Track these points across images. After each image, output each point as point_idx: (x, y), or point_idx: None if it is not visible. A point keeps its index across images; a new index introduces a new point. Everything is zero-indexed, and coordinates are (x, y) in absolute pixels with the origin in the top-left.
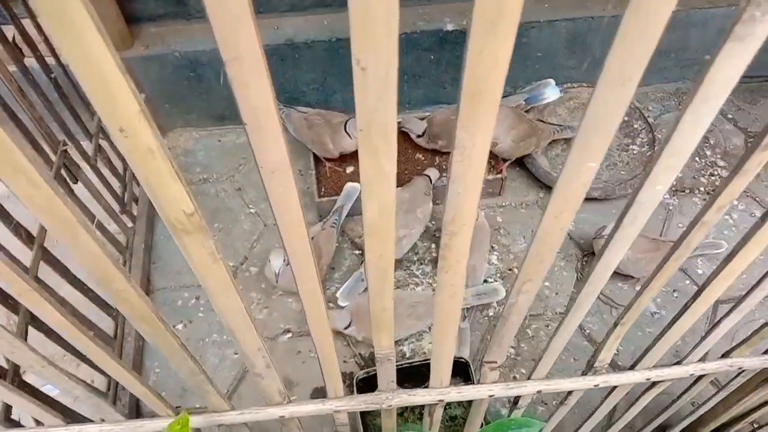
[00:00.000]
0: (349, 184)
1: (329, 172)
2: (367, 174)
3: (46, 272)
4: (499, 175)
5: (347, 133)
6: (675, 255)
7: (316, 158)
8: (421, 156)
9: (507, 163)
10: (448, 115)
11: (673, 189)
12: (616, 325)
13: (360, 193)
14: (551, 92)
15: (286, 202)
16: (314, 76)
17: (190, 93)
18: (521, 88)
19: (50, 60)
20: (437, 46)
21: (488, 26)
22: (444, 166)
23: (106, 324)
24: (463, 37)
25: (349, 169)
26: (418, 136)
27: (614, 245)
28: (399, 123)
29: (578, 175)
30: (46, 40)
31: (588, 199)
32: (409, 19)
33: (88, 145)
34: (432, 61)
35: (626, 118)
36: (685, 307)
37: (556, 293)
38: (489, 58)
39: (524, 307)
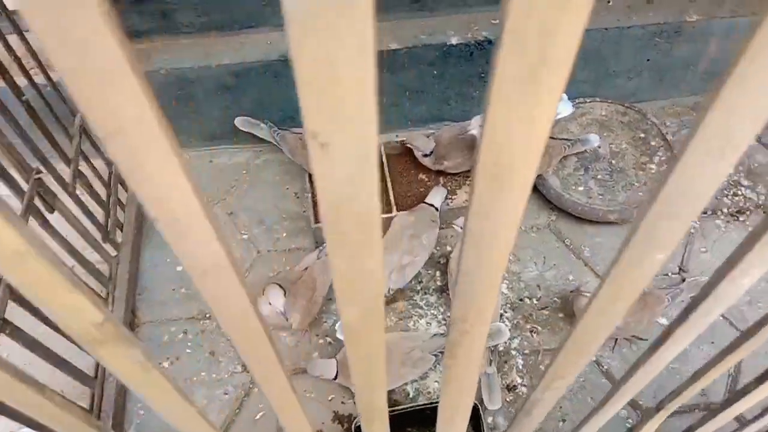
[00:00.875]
0: None
1: None
2: (342, 276)
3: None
4: None
5: None
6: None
7: (313, 179)
8: (425, 177)
9: None
10: (454, 133)
11: None
12: (659, 409)
13: None
14: (563, 107)
15: (228, 304)
16: None
17: (178, 113)
18: None
19: (22, 81)
20: (440, 60)
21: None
22: (449, 188)
23: (85, 362)
24: (468, 50)
25: None
26: (425, 155)
27: (672, 344)
28: (403, 141)
29: (640, 264)
30: (17, 60)
31: (603, 223)
32: (410, 33)
33: (66, 170)
34: (435, 77)
35: (642, 135)
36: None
37: (571, 325)
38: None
39: (550, 404)
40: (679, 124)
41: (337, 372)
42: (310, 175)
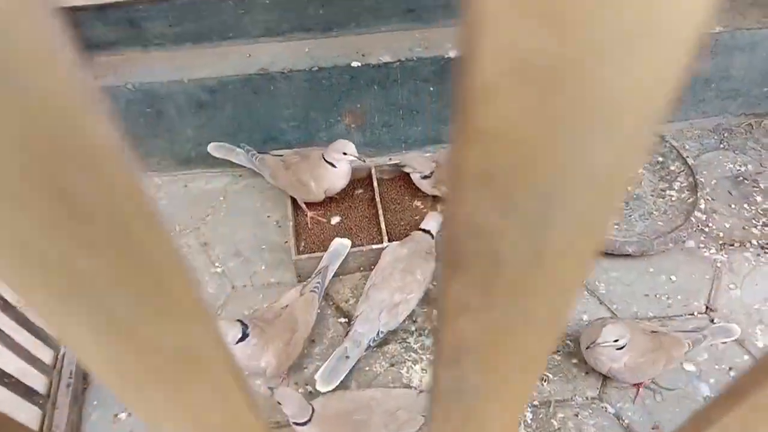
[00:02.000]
0: (337, 240)
1: (311, 223)
2: None
3: None
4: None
5: (328, 162)
6: None
7: (296, 206)
8: (420, 204)
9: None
10: None
11: (721, 243)
12: None
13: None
14: None
15: None
16: (294, 111)
17: (148, 132)
18: None
19: None
20: (437, 76)
21: None
22: None
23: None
24: None
25: (335, 220)
26: (424, 177)
27: None
28: (397, 163)
29: None
30: None
31: (621, 256)
32: (404, 45)
33: None
34: (432, 94)
35: (661, 159)
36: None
37: (587, 372)
38: None
39: None
40: (700, 148)
41: (310, 421)
42: (293, 201)
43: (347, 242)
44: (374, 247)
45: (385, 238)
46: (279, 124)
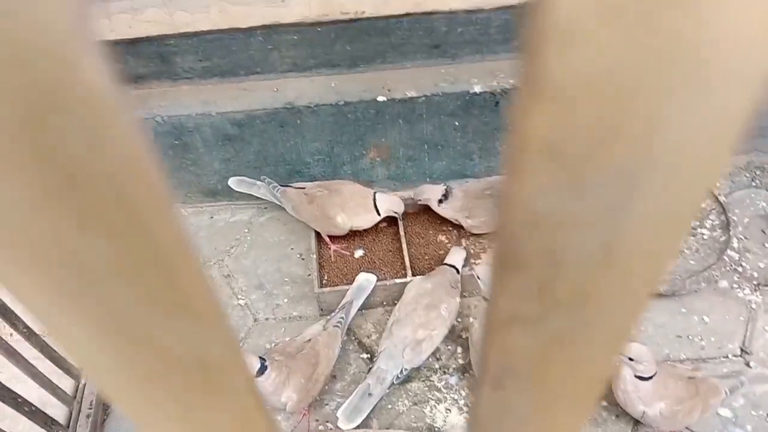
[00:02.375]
0: (363, 274)
1: (334, 256)
2: None
3: None
4: None
5: (376, 207)
6: None
7: (320, 239)
8: (445, 238)
9: None
10: (481, 187)
11: (755, 283)
12: None
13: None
14: None
15: None
16: (319, 145)
17: (175, 164)
18: None
19: None
20: (462, 110)
21: None
22: (472, 251)
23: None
24: (493, 99)
25: (358, 253)
26: (440, 202)
27: None
28: (411, 197)
29: None
30: None
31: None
32: (429, 80)
33: None
34: (456, 128)
35: None
36: None
37: (617, 416)
38: None
39: None
40: (732, 186)
41: None
42: (317, 234)
43: (373, 277)
44: (398, 281)
45: (409, 272)
46: (304, 158)
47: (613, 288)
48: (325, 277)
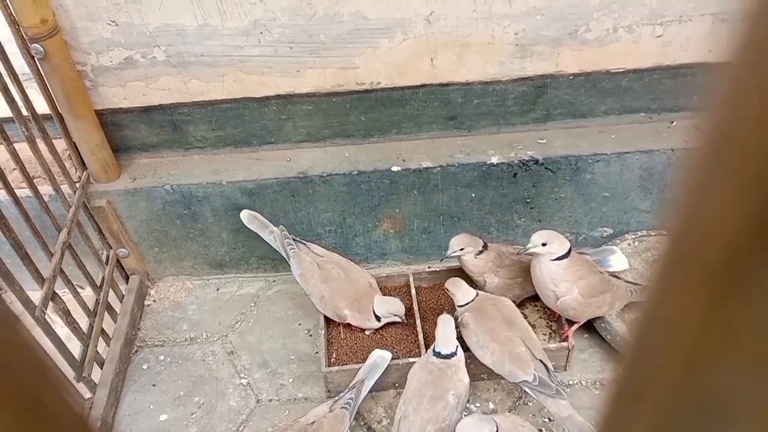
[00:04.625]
0: (377, 351)
1: (344, 332)
2: None
3: None
4: (564, 344)
5: (376, 316)
6: None
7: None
8: None
9: (574, 327)
10: (509, 250)
11: None
12: None
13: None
14: (617, 261)
15: None
16: (331, 215)
17: (183, 234)
18: (581, 237)
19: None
20: (479, 182)
21: None
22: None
23: None
24: (510, 171)
25: (369, 330)
26: (478, 254)
27: None
28: (426, 270)
29: None
30: None
31: None
32: (445, 151)
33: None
34: (473, 200)
35: None
36: None
37: None
38: None
39: None
40: None
41: None
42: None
43: (387, 355)
44: (411, 360)
45: (423, 350)
46: (316, 228)
47: None
48: (334, 356)
